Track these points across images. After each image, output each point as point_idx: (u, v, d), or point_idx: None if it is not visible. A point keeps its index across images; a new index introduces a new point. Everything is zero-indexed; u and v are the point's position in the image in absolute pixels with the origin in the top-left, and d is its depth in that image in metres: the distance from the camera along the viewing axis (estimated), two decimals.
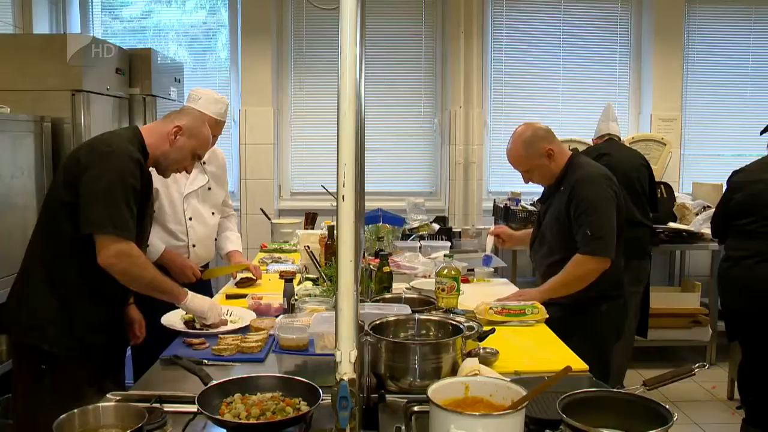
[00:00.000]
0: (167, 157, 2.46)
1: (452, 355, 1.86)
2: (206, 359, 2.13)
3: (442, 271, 2.70)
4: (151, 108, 4.69)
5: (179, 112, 2.58)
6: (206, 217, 3.30)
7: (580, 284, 2.80)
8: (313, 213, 4.56)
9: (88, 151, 2.26)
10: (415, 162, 5.94)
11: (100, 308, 2.32)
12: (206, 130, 2.56)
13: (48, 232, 2.29)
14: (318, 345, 2.03)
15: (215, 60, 5.98)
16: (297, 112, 5.92)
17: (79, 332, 2.26)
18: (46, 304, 2.25)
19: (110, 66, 4.39)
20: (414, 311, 2.23)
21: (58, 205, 2.25)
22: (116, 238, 2.15)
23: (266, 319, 2.51)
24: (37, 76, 3.98)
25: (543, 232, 3.03)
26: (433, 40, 5.84)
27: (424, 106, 5.91)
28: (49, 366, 2.21)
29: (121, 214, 2.17)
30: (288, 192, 5.96)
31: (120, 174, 2.19)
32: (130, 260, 2.19)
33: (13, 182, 3.48)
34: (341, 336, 1.12)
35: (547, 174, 2.96)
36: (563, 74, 5.85)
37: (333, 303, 2.54)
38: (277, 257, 3.89)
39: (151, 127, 2.50)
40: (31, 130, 3.71)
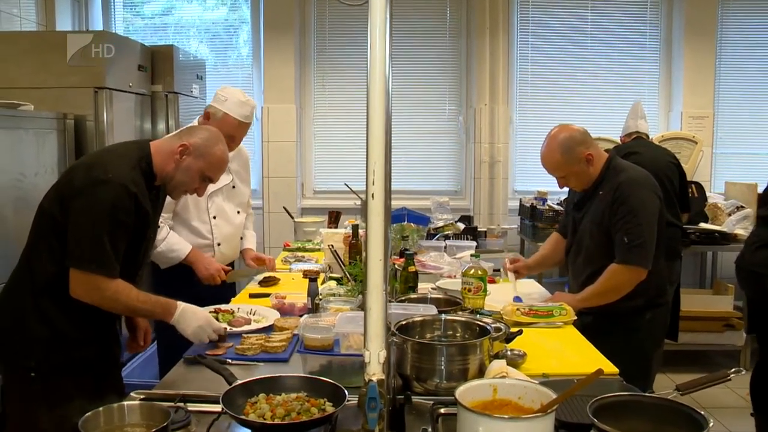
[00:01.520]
0: (173, 178, 2.29)
1: (479, 356, 1.86)
2: (230, 359, 2.14)
3: (468, 271, 2.69)
4: (174, 105, 4.74)
5: (191, 129, 2.41)
6: (231, 215, 3.32)
7: (614, 295, 2.74)
8: (336, 211, 4.58)
9: (85, 175, 2.13)
10: (439, 160, 5.94)
11: (89, 324, 2.23)
12: (218, 150, 2.35)
13: (38, 245, 2.20)
14: (343, 345, 2.04)
15: (237, 57, 6.02)
16: (320, 109, 5.95)
17: (67, 349, 2.19)
18: (31, 320, 2.16)
19: (132, 63, 4.44)
20: (440, 311, 2.23)
21: (50, 219, 2.17)
22: (85, 274, 2.08)
23: (290, 318, 2.53)
24: (60, 73, 4.03)
25: (580, 240, 2.94)
26: (458, 36, 5.83)
27: (449, 104, 5.90)
28: (39, 376, 2.15)
29: (101, 250, 2.07)
30: (311, 190, 5.99)
31: (110, 208, 2.08)
32: (98, 294, 2.11)
33: (37, 180, 3.53)
34: (370, 336, 1.12)
35: (585, 179, 2.87)
36: (591, 70, 5.81)
37: (358, 303, 2.55)
38: (300, 256, 3.91)
39: (160, 145, 2.32)
40: (54, 127, 3.77)
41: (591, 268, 2.86)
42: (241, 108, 3.14)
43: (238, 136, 3.20)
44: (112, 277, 2.11)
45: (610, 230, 2.77)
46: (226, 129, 3.11)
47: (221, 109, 3.10)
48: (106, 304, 2.16)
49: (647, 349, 2.86)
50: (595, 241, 2.84)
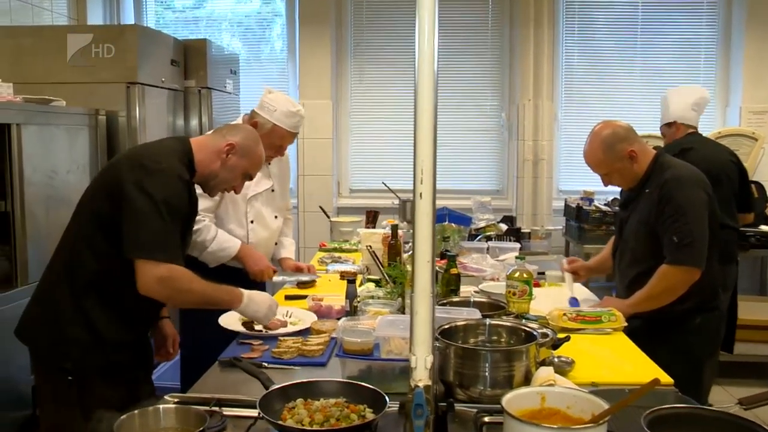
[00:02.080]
0: (216, 176, 2.38)
1: (525, 363, 1.85)
2: (266, 362, 2.16)
3: (513, 274, 2.68)
4: (207, 101, 4.80)
5: (232, 128, 2.48)
6: (269, 220, 3.35)
7: (667, 298, 2.71)
8: (374, 211, 4.59)
9: (135, 166, 2.17)
10: (480, 159, 5.92)
11: (128, 327, 2.27)
12: (260, 150, 2.49)
13: (79, 243, 2.21)
14: (384, 349, 2.04)
15: (270, 51, 6.08)
16: (357, 105, 5.97)
17: (105, 352, 2.21)
18: (70, 321, 2.18)
19: (165, 57, 4.51)
20: (484, 316, 2.23)
21: (94, 216, 2.20)
22: (157, 264, 2.09)
23: (327, 321, 2.55)
24: (92, 68, 4.11)
25: (626, 240, 2.93)
26: (501, 29, 5.80)
27: (491, 100, 5.88)
28: (75, 379, 2.17)
29: (166, 238, 2.12)
30: (347, 189, 6.02)
31: (167, 195, 2.13)
32: (172, 284, 2.13)
33: (69, 177, 3.61)
34: (416, 340, 1.12)
35: (629, 177, 2.87)
36: (641, 63, 5.72)
37: (398, 305, 2.56)
38: (337, 257, 3.93)
39: (202, 142, 2.39)
40: (85, 123, 3.85)
41: (637, 269, 2.85)
42: (291, 119, 3.18)
43: (285, 145, 3.26)
44: (181, 265, 2.15)
45: (656, 230, 2.75)
46: (275, 139, 3.17)
47: (270, 120, 3.14)
48: (181, 295, 2.18)
49: (698, 357, 2.82)
50: (641, 242, 2.83)
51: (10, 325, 2.37)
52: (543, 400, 1.56)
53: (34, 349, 2.31)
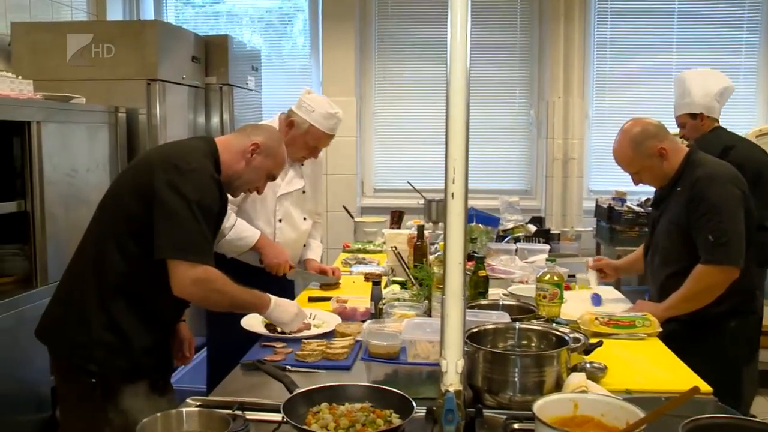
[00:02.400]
0: (241, 176, 2.41)
1: (556, 368, 1.84)
2: (289, 365, 2.17)
3: (543, 277, 2.67)
4: (228, 98, 4.83)
5: (256, 128, 2.52)
6: (298, 221, 3.37)
7: (705, 299, 2.69)
8: (399, 211, 4.60)
9: (167, 166, 2.19)
10: (508, 157, 5.90)
11: (153, 330, 2.29)
12: (283, 150, 2.54)
13: (106, 244, 2.22)
14: (410, 353, 2.04)
15: (292, 47, 6.10)
16: (381, 102, 5.99)
17: (130, 354, 2.23)
18: (95, 322, 2.19)
19: (186, 54, 4.55)
20: (513, 319, 2.23)
21: (122, 216, 2.22)
22: (192, 265, 2.13)
23: (352, 324, 2.55)
24: (112, 64, 4.15)
25: (657, 240, 2.93)
26: (530, 24, 5.77)
27: (519, 97, 5.86)
28: (99, 382, 2.19)
29: (200, 240, 2.15)
30: (371, 188, 6.04)
31: (201, 196, 2.16)
32: (207, 285, 2.17)
33: (89, 176, 3.65)
34: (447, 344, 1.13)
35: (659, 175, 2.87)
36: (678, 59, 5.63)
37: (424, 308, 2.56)
38: (361, 258, 3.94)
39: (227, 142, 2.43)
40: (105, 121, 3.89)
41: (667, 270, 2.85)
42: (329, 121, 3.20)
43: (320, 147, 3.29)
44: (213, 266, 2.19)
45: (688, 230, 2.74)
46: (311, 140, 3.21)
47: (308, 121, 3.17)
48: (214, 296, 2.22)
49: (734, 363, 2.79)
50: (673, 242, 2.83)
51: (29, 326, 2.40)
52: (576, 407, 1.55)
53: (55, 350, 2.33)
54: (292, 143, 3.21)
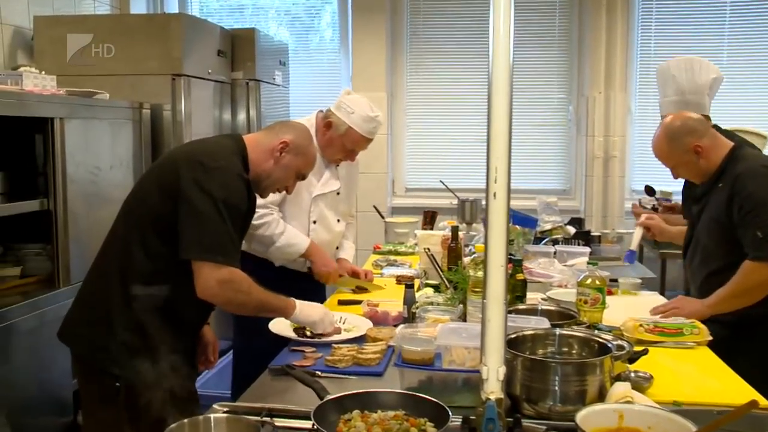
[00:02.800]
0: (270, 175, 2.43)
1: (599, 377, 1.83)
2: (319, 370, 2.18)
3: (585, 281, 2.65)
4: (255, 94, 4.87)
5: (285, 125, 2.55)
6: (332, 223, 3.39)
7: (752, 297, 2.68)
8: (432, 211, 4.59)
9: (193, 164, 2.21)
10: (546, 156, 5.87)
11: (178, 333, 2.29)
12: (313, 148, 2.55)
13: (131, 244, 2.24)
14: (445, 359, 2.04)
15: (319, 41, 6.12)
16: (413, 98, 5.98)
17: (153, 357, 2.21)
18: (119, 324, 2.21)
19: (211, 48, 4.59)
20: (553, 325, 2.22)
21: (148, 215, 2.24)
22: (218, 266, 2.15)
23: (383, 328, 2.56)
24: (136, 59, 4.20)
25: (698, 236, 2.94)
26: (569, 16, 5.73)
27: (557, 92, 5.82)
28: (123, 385, 2.21)
29: (226, 240, 2.17)
30: (402, 188, 6.04)
31: (227, 195, 2.19)
32: (232, 287, 2.19)
33: (112, 173, 3.70)
34: (488, 350, 1.12)
35: (696, 171, 2.89)
36: (728, 52, 5.55)
37: (459, 313, 2.56)
38: (393, 260, 3.94)
39: (256, 139, 2.45)
40: (129, 117, 3.94)
41: (708, 268, 2.85)
42: (368, 124, 3.22)
43: (358, 150, 3.32)
44: (239, 268, 2.21)
45: (730, 227, 2.74)
46: (348, 143, 3.23)
47: (346, 122, 3.18)
48: (239, 298, 2.24)
49: None
50: (714, 239, 2.84)
51: (52, 328, 2.44)
52: (621, 419, 1.54)
53: (78, 352, 2.36)
54: (329, 144, 3.23)
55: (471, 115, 5.74)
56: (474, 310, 2.47)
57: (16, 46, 4.35)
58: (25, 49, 4.40)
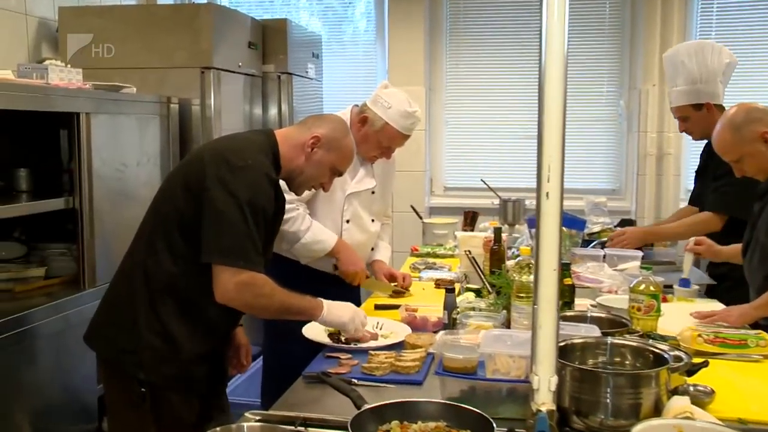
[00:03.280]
0: (302, 172, 2.43)
1: (655, 390, 1.80)
2: (356, 378, 2.18)
3: (638, 287, 2.62)
4: (287, 87, 4.89)
5: (318, 118, 2.54)
6: (366, 223, 3.40)
7: None
8: (473, 212, 4.59)
9: (219, 162, 2.21)
10: (594, 153, 5.81)
11: (206, 338, 2.32)
12: (349, 142, 2.52)
13: (157, 243, 2.27)
14: (489, 368, 2.03)
15: (353, 31, 6.12)
16: (453, 92, 5.96)
17: (181, 363, 2.26)
18: (144, 328, 2.23)
19: (242, 40, 4.62)
20: (604, 333, 2.20)
21: (173, 214, 2.25)
22: (238, 271, 2.16)
23: (423, 334, 2.55)
24: (164, 51, 4.25)
25: (757, 236, 2.90)
26: (621, 3, 5.65)
27: (607, 85, 5.75)
28: (149, 390, 2.23)
29: (248, 244, 2.17)
30: (441, 187, 6.03)
31: (253, 196, 2.19)
32: (252, 291, 2.19)
33: (139, 171, 3.74)
34: (539, 359, 1.12)
35: (763, 164, 2.84)
36: None
37: (502, 319, 2.54)
38: (431, 263, 3.94)
39: (287, 134, 2.45)
40: (156, 112, 3.98)
41: (766, 270, 2.81)
42: (406, 120, 3.22)
43: (394, 147, 3.32)
44: (262, 272, 2.22)
45: None
46: (384, 140, 3.24)
47: (383, 118, 3.19)
48: (260, 301, 2.24)
49: None
50: None
51: (77, 331, 2.47)
52: None
53: (103, 355, 2.40)
54: (365, 141, 3.23)
55: (515, 110, 5.72)
56: (518, 317, 2.46)
57: (40, 39, 4.43)
58: (49, 41, 4.47)
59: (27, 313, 2.92)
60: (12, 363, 2.84)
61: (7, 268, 3.29)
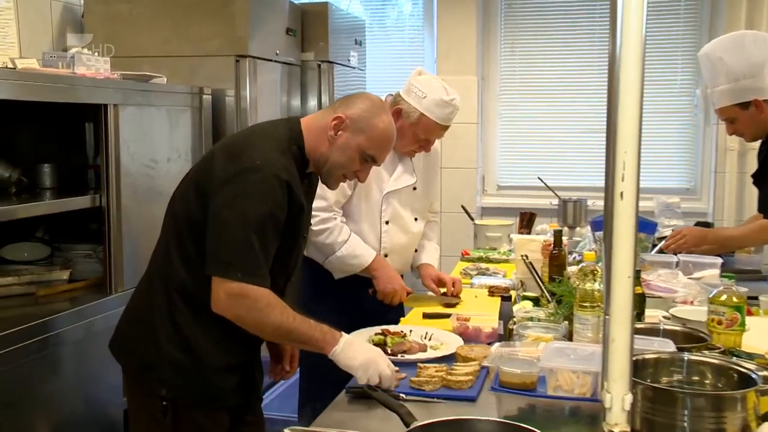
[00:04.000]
0: (327, 159, 2.33)
1: (741, 414, 1.76)
2: (404, 393, 2.18)
3: (718, 297, 2.57)
4: (328, 77, 4.91)
5: (347, 99, 2.42)
6: (408, 222, 3.39)
7: None
8: (530, 213, 4.56)
9: (225, 162, 2.20)
10: (666, 148, 5.77)
11: (230, 348, 2.30)
12: (381, 122, 2.35)
13: (171, 247, 2.28)
14: (550, 384, 2.01)
15: (398, 16, 6.13)
16: (508, 82, 5.96)
17: (205, 376, 2.27)
18: (164, 338, 2.24)
19: (280, 26, 4.64)
20: (679, 348, 2.16)
21: (185, 216, 2.26)
22: (234, 282, 2.10)
23: (476, 346, 2.54)
24: (196, 38, 4.28)
25: None
26: None
27: (682, 73, 5.68)
28: (170, 406, 2.24)
29: (249, 255, 2.12)
30: (494, 185, 6.02)
31: (260, 202, 2.14)
32: (244, 304, 2.13)
33: (170, 167, 3.77)
34: (612, 375, 1.10)
35: None
36: None
37: (564, 331, 2.52)
38: (484, 268, 3.92)
39: (312, 121, 2.38)
40: (188, 103, 4.01)
41: None
42: (443, 109, 3.20)
43: (433, 139, 3.30)
44: (263, 286, 2.14)
45: None
46: (421, 132, 3.22)
47: (418, 109, 3.17)
48: (253, 321, 2.17)
49: None
50: None
51: (102, 338, 2.50)
52: None
53: (126, 367, 2.41)
54: (400, 135, 3.20)
55: (576, 101, 5.69)
56: (582, 328, 2.44)
57: (65, 25, 4.49)
58: (74, 27, 4.53)
59: (50, 318, 2.95)
60: (33, 372, 2.88)
61: (30, 271, 3.33)
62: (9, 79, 2.79)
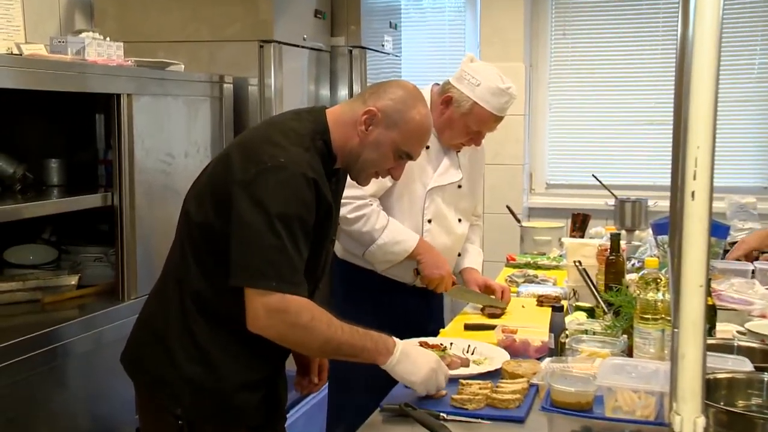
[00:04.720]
0: (358, 156, 2.31)
1: None
2: (444, 412, 2.17)
3: None
4: (360, 64, 4.91)
5: (379, 88, 2.38)
6: (452, 222, 3.40)
7: None
8: (583, 214, 4.53)
9: (244, 162, 2.17)
10: (741, 143, 5.70)
11: (254, 362, 2.30)
12: (416, 114, 2.31)
13: (186, 254, 2.27)
14: (608, 405, 2.00)
15: None
16: (558, 70, 5.96)
17: (224, 394, 2.26)
18: (177, 352, 2.24)
19: (307, 8, 4.64)
20: (757, 368, 2.13)
21: (199, 221, 2.25)
22: (268, 293, 2.07)
23: (524, 361, 2.54)
24: (216, 22, 4.29)
25: None
26: None
27: (760, 56, 5.60)
28: (186, 425, 2.24)
29: (282, 260, 2.09)
30: (542, 184, 6.01)
31: (285, 203, 2.11)
32: (285, 320, 2.10)
33: (188, 163, 3.78)
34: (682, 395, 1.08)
35: None
36: None
37: (622, 345, 2.50)
38: (532, 275, 3.91)
39: (339, 113, 2.35)
40: (207, 93, 4.01)
41: None
42: (498, 98, 3.20)
43: (485, 132, 3.30)
44: (301, 295, 2.12)
45: None
46: (473, 123, 3.23)
47: (471, 98, 3.18)
48: (297, 339, 2.15)
49: None
50: None
51: (113, 349, 2.51)
52: None
53: (137, 383, 2.42)
54: (449, 126, 3.22)
55: (635, 91, 5.65)
56: (643, 343, 2.42)
57: (73, 7, 4.51)
58: (83, 9, 4.56)
59: (57, 327, 2.96)
60: (39, 386, 2.89)
61: (36, 275, 3.35)
62: (14, 66, 2.80)
